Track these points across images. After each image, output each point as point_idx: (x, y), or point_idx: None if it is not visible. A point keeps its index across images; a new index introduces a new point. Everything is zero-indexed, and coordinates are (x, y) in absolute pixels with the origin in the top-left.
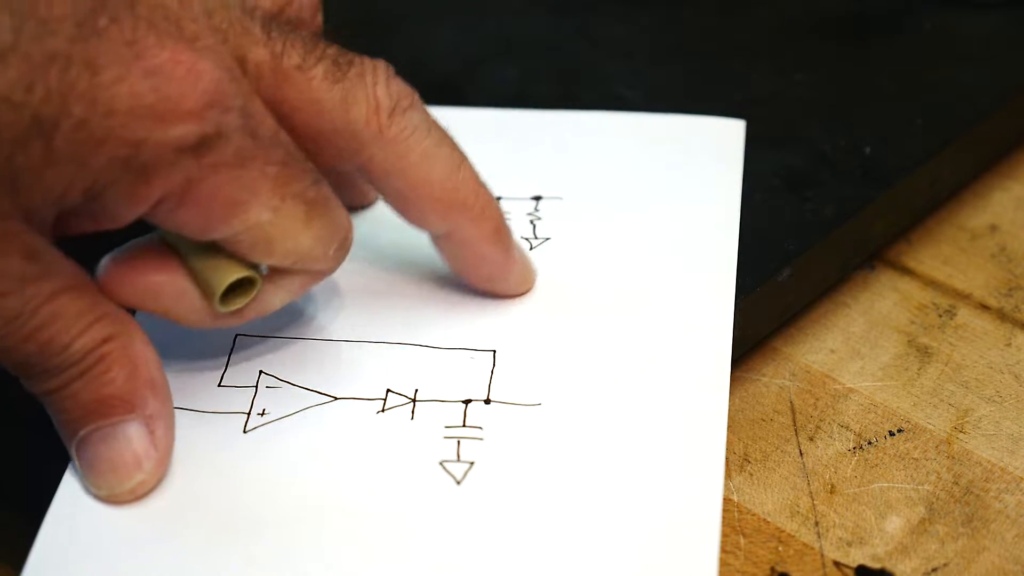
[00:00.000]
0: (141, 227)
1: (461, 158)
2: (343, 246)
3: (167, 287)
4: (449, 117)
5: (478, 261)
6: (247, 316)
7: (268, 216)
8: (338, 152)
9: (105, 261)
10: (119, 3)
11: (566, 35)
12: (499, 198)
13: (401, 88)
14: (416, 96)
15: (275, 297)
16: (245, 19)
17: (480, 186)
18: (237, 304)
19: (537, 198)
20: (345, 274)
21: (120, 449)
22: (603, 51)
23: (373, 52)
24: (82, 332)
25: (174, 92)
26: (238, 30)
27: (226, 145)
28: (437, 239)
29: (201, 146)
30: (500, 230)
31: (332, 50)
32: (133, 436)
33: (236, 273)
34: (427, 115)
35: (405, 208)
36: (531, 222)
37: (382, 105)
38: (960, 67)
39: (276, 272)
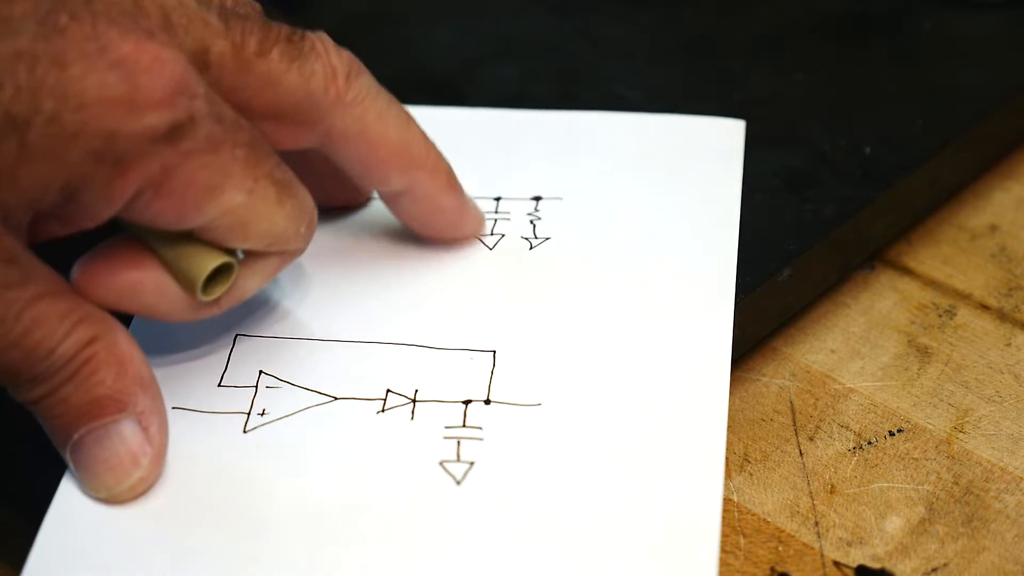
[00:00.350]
0: (110, 231)
1: (409, 116)
2: (311, 225)
3: (146, 283)
4: (449, 117)
5: (437, 212)
6: (225, 304)
7: (242, 199)
8: (301, 126)
9: (79, 264)
10: (76, 1)
11: (566, 35)
12: (499, 198)
13: (349, 55)
14: (359, 61)
15: (251, 281)
16: (202, 12)
17: (429, 140)
18: (217, 292)
19: (537, 198)
20: (345, 274)
21: (116, 448)
22: (603, 51)
23: (373, 51)
24: (67, 335)
25: (142, 82)
26: (198, 24)
27: (198, 130)
28: (396, 198)
29: (174, 133)
30: (452, 179)
31: (284, 30)
32: (127, 434)
33: (215, 260)
34: (373, 78)
35: (366, 170)
36: (531, 222)
37: (338, 72)
38: (960, 67)
39: (250, 256)
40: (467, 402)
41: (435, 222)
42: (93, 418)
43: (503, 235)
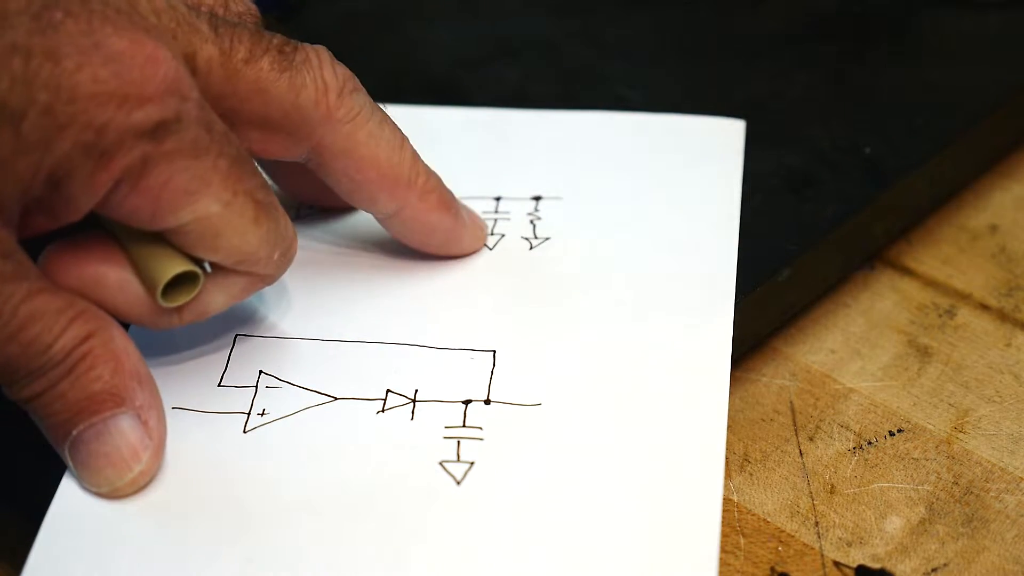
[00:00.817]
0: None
1: (403, 137)
2: (287, 254)
3: (109, 276)
4: (449, 117)
5: (430, 231)
6: (187, 317)
7: (218, 209)
8: (289, 137)
9: (47, 251)
10: None
11: (566, 35)
12: (499, 198)
13: (344, 71)
14: (357, 79)
15: (216, 298)
16: (191, 17)
17: (421, 161)
18: (179, 300)
19: (537, 198)
20: (345, 274)
21: (115, 443)
22: (603, 51)
23: (373, 51)
24: (63, 330)
25: (135, 77)
26: (186, 29)
27: (184, 132)
28: (387, 219)
29: (159, 130)
30: (445, 199)
31: (277, 40)
32: (126, 428)
33: (180, 266)
34: (369, 97)
35: (354, 189)
36: (531, 222)
37: (330, 87)
38: (960, 67)
39: (219, 272)
40: (467, 402)
41: (428, 241)
42: (92, 413)
43: (503, 235)
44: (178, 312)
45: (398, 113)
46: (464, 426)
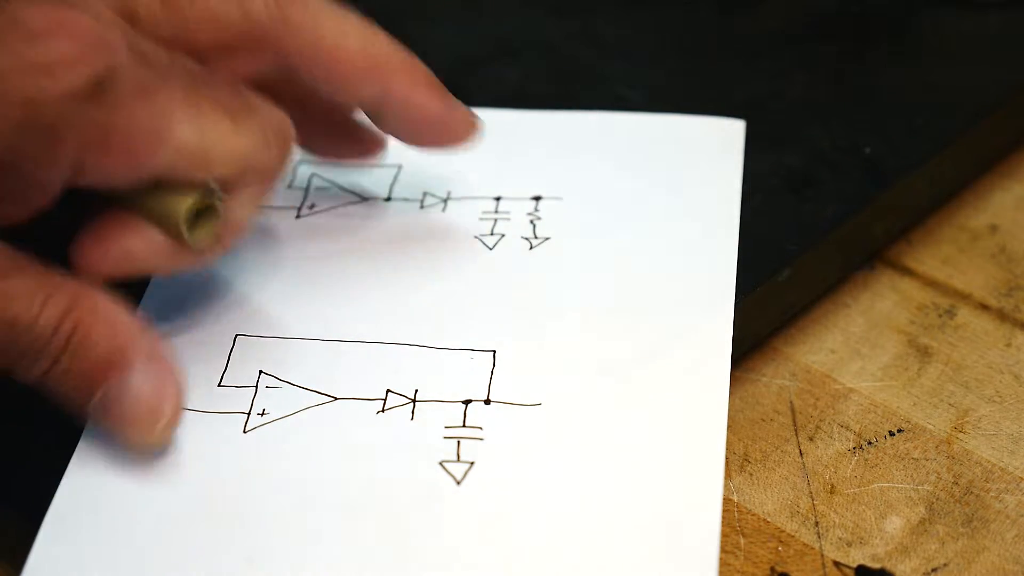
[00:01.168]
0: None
1: (371, 24)
2: (280, 139)
3: (139, 242)
4: None
5: (420, 112)
6: (227, 241)
7: (191, 131)
8: (253, 54)
9: (72, 246)
10: None
11: (566, 35)
12: (499, 198)
13: None
14: None
15: (239, 212)
16: None
17: (399, 45)
18: (208, 232)
19: (537, 198)
20: (345, 274)
21: (136, 397)
22: (603, 51)
23: None
24: (42, 306)
25: (51, 45)
26: None
27: (122, 81)
28: (378, 111)
29: (96, 89)
30: (431, 79)
31: None
32: (142, 380)
33: (190, 196)
34: None
35: (337, 88)
36: (531, 222)
37: None
38: (960, 67)
39: (229, 186)
40: (467, 402)
41: (420, 124)
42: (104, 379)
43: (503, 235)
44: (219, 241)
45: None
46: (464, 426)
